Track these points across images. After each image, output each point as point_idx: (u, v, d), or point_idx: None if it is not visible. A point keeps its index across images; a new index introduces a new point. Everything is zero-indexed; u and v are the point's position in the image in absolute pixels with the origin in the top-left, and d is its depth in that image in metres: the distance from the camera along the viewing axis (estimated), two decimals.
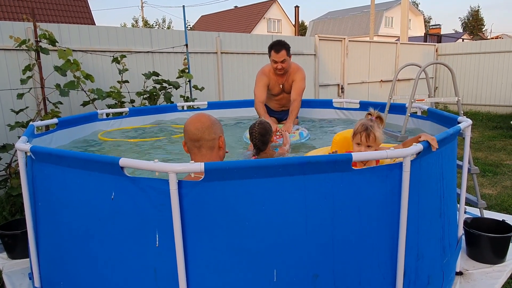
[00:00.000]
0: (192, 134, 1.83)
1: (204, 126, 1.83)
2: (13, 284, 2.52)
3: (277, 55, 3.42)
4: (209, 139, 1.84)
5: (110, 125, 3.65)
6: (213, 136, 1.85)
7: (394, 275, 1.77)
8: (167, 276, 1.62)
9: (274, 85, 3.66)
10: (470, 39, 28.76)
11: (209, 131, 1.84)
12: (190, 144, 1.86)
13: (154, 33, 5.37)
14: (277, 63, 3.46)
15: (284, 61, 3.45)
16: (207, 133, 1.83)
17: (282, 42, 3.47)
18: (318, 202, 1.61)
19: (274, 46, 3.45)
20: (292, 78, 3.61)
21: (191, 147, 1.86)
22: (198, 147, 1.84)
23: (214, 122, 1.89)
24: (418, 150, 1.70)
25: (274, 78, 3.62)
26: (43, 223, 2.05)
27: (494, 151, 6.21)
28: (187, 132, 1.85)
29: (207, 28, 32.41)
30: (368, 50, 9.10)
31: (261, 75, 3.63)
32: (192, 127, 1.84)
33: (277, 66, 3.47)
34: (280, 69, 3.49)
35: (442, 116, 2.83)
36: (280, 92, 3.71)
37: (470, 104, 10.37)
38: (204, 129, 1.83)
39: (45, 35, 3.83)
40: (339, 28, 33.43)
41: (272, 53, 3.46)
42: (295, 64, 3.67)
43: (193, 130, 1.83)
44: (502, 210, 3.71)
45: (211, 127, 1.85)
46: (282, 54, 3.41)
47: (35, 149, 1.95)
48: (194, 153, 1.86)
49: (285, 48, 3.43)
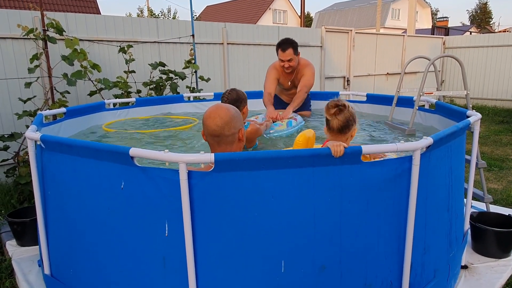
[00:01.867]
0: (211, 130, 1.79)
1: (224, 122, 1.78)
2: (22, 270, 2.56)
3: (284, 53, 3.40)
4: (228, 135, 1.80)
5: (117, 115, 3.66)
6: (233, 131, 1.81)
7: (401, 268, 1.78)
8: (176, 264, 1.64)
9: (284, 81, 3.68)
10: (478, 32, 28.41)
11: (229, 126, 1.79)
12: (209, 138, 1.83)
13: (161, 23, 5.35)
14: (284, 61, 3.44)
15: (291, 60, 3.42)
16: (227, 129, 1.79)
17: (290, 40, 3.43)
18: (326, 194, 1.62)
19: (281, 45, 3.42)
20: (301, 74, 3.60)
21: (210, 141, 1.84)
22: (217, 142, 1.81)
23: (234, 115, 1.83)
24: (428, 143, 1.70)
25: (283, 74, 3.62)
26: (52, 212, 2.08)
27: (500, 146, 6.18)
28: (207, 127, 1.81)
29: (213, 19, 32.19)
30: (375, 42, 9.01)
31: (272, 69, 3.63)
32: (211, 123, 1.79)
33: (284, 64, 3.45)
34: (288, 67, 3.47)
35: (450, 109, 2.81)
36: (290, 88, 3.73)
37: (476, 98, 10.28)
38: (224, 126, 1.78)
39: (52, 24, 3.83)
40: (345, 20, 33.11)
41: (279, 52, 3.44)
42: (305, 60, 3.63)
43: (213, 127, 1.78)
44: (508, 205, 3.70)
45: (230, 122, 1.80)
46: (288, 52, 3.38)
47: (45, 138, 1.96)
48: (213, 147, 1.84)
49: (292, 47, 3.39)
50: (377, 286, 1.76)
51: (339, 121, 1.89)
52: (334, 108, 1.89)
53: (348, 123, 1.91)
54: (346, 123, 1.90)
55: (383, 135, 3.14)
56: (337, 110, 1.89)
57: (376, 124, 3.51)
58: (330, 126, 1.93)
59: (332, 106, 1.90)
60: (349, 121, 1.91)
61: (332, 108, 1.90)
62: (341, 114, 1.89)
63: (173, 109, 4.07)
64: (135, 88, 4.70)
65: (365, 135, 3.15)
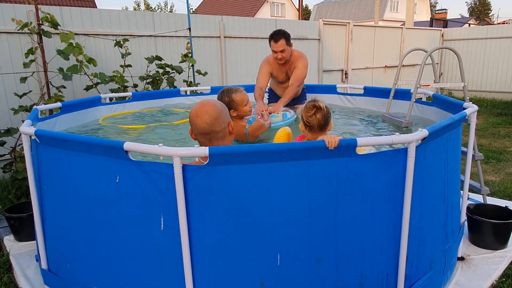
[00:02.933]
0: (201, 129, 1.74)
1: (213, 119, 1.73)
2: (20, 265, 2.56)
3: (276, 44, 3.42)
4: (219, 131, 1.76)
5: (113, 110, 3.65)
6: (223, 126, 1.77)
7: (397, 260, 1.78)
8: (172, 258, 1.65)
9: (278, 73, 3.68)
10: (477, 24, 28.29)
11: (218, 122, 1.74)
12: (199, 137, 1.78)
13: (157, 17, 5.31)
14: (276, 52, 3.46)
15: (284, 50, 3.44)
16: (217, 125, 1.74)
17: (281, 31, 3.44)
18: (322, 187, 1.61)
19: (273, 36, 3.44)
20: (294, 65, 3.60)
21: (201, 140, 1.78)
22: (209, 139, 1.76)
23: (221, 110, 1.78)
24: (424, 136, 1.69)
25: (277, 66, 3.62)
26: (48, 206, 2.07)
27: (498, 138, 6.18)
28: (195, 125, 1.75)
29: (210, 12, 31.99)
30: (373, 35, 8.97)
31: (265, 63, 3.66)
32: (200, 122, 1.73)
33: (277, 56, 3.47)
34: (280, 58, 3.49)
35: (447, 102, 2.80)
36: (285, 80, 3.71)
37: (475, 90, 10.27)
38: (213, 122, 1.73)
39: (47, 18, 3.79)
40: (343, 13, 32.94)
41: (271, 43, 3.46)
42: (298, 51, 3.64)
43: (202, 125, 1.73)
44: (505, 197, 3.71)
45: (219, 117, 1.75)
46: (281, 43, 3.40)
47: (39, 133, 1.95)
48: (205, 144, 1.78)
49: (284, 37, 3.41)
50: (373, 278, 1.77)
51: (319, 119, 2.03)
52: (313, 109, 2.04)
53: (327, 120, 2.05)
54: (326, 121, 2.04)
55: (380, 127, 3.14)
56: (316, 110, 2.03)
57: (373, 117, 3.50)
58: (311, 125, 2.06)
59: (311, 108, 2.05)
60: (328, 118, 2.06)
61: (311, 109, 2.04)
62: (319, 113, 2.02)
63: (170, 103, 4.05)
64: (132, 83, 4.68)
65: (361, 127, 3.15)
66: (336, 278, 1.71)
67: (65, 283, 2.05)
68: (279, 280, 1.66)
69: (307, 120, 2.05)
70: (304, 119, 2.06)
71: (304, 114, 2.06)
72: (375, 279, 1.77)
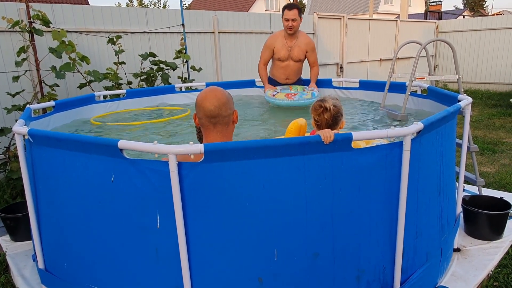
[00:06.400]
0: (209, 111, 1.75)
1: (221, 103, 1.75)
2: (17, 265, 2.55)
3: (289, 12, 3.73)
4: (225, 115, 1.77)
5: (107, 108, 3.62)
6: (229, 112, 1.79)
7: (393, 252, 1.79)
8: (169, 255, 1.64)
9: (281, 48, 3.89)
10: (471, 16, 28.32)
11: (226, 107, 1.77)
12: (205, 120, 1.78)
13: (150, 13, 5.26)
14: (288, 21, 3.74)
15: (295, 20, 3.75)
16: (224, 109, 1.76)
17: (295, 4, 3.86)
18: (318, 182, 1.61)
19: (288, 6, 3.79)
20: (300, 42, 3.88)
21: (205, 123, 1.79)
22: (214, 123, 1.77)
23: (229, 97, 1.83)
24: (419, 128, 1.70)
25: (282, 40, 3.88)
26: (44, 206, 2.06)
27: (493, 129, 6.21)
28: (203, 108, 1.76)
29: (204, 7, 31.76)
30: (368, 28, 8.95)
31: (270, 37, 3.98)
32: (208, 104, 1.75)
33: (288, 24, 3.74)
34: (291, 27, 3.76)
35: (442, 94, 2.81)
36: (286, 58, 3.91)
37: (469, 82, 10.29)
38: (221, 106, 1.75)
39: (38, 16, 3.75)
40: (338, 6, 32.82)
41: (285, 11, 3.77)
42: (305, 33, 3.99)
43: (210, 107, 1.74)
44: (500, 188, 3.73)
45: (227, 103, 1.78)
46: (294, 12, 3.73)
47: (32, 132, 1.93)
48: (208, 129, 1.79)
49: (297, 8, 3.78)
50: (370, 271, 1.78)
51: (326, 119, 2.05)
52: (319, 109, 2.06)
53: (335, 120, 2.07)
54: (334, 120, 2.06)
55: (375, 121, 3.14)
56: (322, 111, 2.05)
57: (368, 110, 3.50)
58: (319, 124, 2.09)
59: (317, 108, 2.08)
60: (337, 117, 2.07)
61: (318, 109, 2.07)
62: (326, 113, 2.05)
63: (165, 100, 4.03)
64: (126, 80, 4.65)
65: (357, 121, 3.15)
66: (334, 272, 1.72)
67: (62, 282, 2.04)
68: (277, 275, 1.66)
69: (315, 119, 2.10)
70: (313, 117, 2.11)
71: (312, 113, 2.11)
72: (372, 272, 1.78)
